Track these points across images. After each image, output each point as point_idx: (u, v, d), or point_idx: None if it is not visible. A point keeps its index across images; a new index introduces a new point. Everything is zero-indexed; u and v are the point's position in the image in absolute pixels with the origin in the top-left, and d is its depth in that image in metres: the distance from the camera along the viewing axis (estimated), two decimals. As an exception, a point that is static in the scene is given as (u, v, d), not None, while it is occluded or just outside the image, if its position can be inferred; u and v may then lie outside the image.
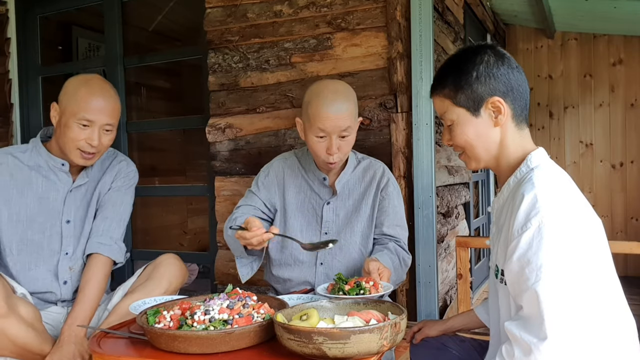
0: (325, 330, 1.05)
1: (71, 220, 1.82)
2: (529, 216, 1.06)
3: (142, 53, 3.31)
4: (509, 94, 1.20)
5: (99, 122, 1.72)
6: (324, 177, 1.84)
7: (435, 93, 1.28)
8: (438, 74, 1.28)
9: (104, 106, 1.72)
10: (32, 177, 1.79)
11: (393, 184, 1.88)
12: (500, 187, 1.27)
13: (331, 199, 1.85)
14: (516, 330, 1.06)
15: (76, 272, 1.83)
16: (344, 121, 1.67)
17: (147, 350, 1.22)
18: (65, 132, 1.71)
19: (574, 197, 1.12)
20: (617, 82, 4.47)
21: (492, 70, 1.20)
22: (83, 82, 1.74)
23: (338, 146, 1.69)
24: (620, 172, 4.51)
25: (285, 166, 1.91)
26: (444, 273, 2.62)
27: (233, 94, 2.60)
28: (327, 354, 1.06)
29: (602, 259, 1.11)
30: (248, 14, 2.54)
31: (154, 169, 4.64)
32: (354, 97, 1.75)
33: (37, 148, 1.81)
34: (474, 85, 1.20)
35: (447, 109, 1.25)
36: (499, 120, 1.21)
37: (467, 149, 1.26)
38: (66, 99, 1.72)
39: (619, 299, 1.12)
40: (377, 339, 1.06)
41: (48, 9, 3.32)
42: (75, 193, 1.84)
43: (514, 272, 1.08)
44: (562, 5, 3.77)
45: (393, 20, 2.27)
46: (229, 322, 1.21)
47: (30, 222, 1.77)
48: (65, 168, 1.80)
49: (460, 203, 2.91)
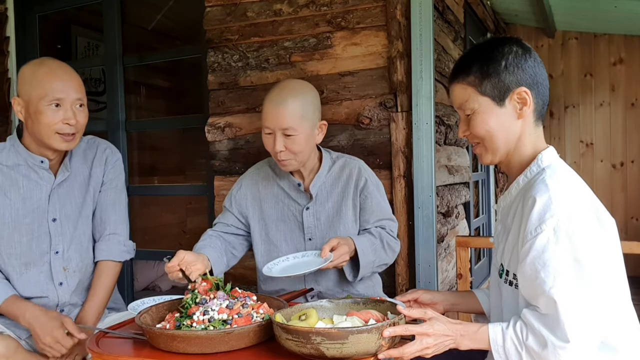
0: (323, 330, 1.05)
1: (57, 218, 1.74)
2: (544, 218, 1.05)
3: (142, 52, 3.31)
4: (534, 87, 1.20)
5: (69, 98, 1.63)
6: (299, 183, 1.81)
7: (457, 80, 1.24)
8: (461, 62, 1.26)
9: (69, 81, 1.64)
10: (13, 178, 1.70)
11: (371, 181, 1.84)
12: (508, 185, 1.26)
13: (309, 203, 1.81)
14: (534, 321, 1.06)
15: (71, 272, 1.76)
16: (284, 119, 1.64)
17: (146, 350, 1.21)
18: (38, 120, 1.61)
19: (588, 198, 1.12)
20: (618, 81, 4.47)
21: (520, 62, 1.19)
22: (37, 65, 1.66)
23: (285, 145, 1.66)
24: (620, 172, 4.50)
25: (258, 178, 1.89)
26: (444, 273, 2.61)
27: (232, 93, 2.59)
28: (325, 354, 1.05)
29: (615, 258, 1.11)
30: (248, 13, 2.53)
31: (153, 168, 4.63)
32: (308, 100, 1.71)
33: (16, 146, 1.71)
34: (502, 75, 1.18)
35: (468, 98, 1.22)
36: (523, 112, 1.19)
37: (486, 140, 1.23)
38: (27, 87, 1.63)
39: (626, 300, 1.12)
40: (375, 339, 1.06)
41: (47, 8, 3.31)
42: (58, 190, 1.75)
43: (527, 275, 1.07)
44: (563, 5, 3.77)
45: (393, 19, 2.26)
46: (228, 322, 1.21)
47: (17, 224, 1.69)
48: (45, 165, 1.70)
49: (460, 203, 2.90)
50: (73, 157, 1.79)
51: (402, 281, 2.32)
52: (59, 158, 1.74)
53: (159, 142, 4.66)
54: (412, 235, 2.29)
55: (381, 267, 1.81)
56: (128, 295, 3.08)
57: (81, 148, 1.82)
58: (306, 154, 1.73)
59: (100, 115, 3.59)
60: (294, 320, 1.20)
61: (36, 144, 1.68)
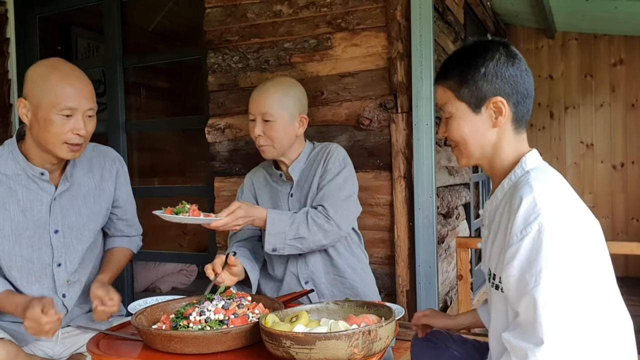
0: (291, 334, 1.04)
1: (59, 230, 1.65)
2: (528, 220, 1.04)
3: (142, 53, 3.31)
4: (513, 97, 1.18)
5: (82, 108, 1.53)
6: (280, 174, 1.89)
7: (439, 83, 1.25)
8: (445, 64, 1.25)
9: (83, 89, 1.54)
10: (12, 188, 1.59)
11: (335, 158, 1.82)
12: (493, 190, 1.26)
13: (292, 190, 1.88)
14: (513, 340, 1.05)
15: (74, 284, 1.70)
16: (264, 105, 1.77)
17: (146, 351, 1.21)
18: (47, 128, 1.51)
19: (572, 199, 1.11)
20: (618, 82, 4.46)
21: (500, 70, 1.17)
22: (49, 68, 1.55)
23: (263, 130, 1.79)
24: (620, 173, 4.50)
25: (254, 179, 1.98)
26: (445, 274, 2.61)
27: (232, 94, 2.59)
28: (295, 358, 1.04)
29: (601, 261, 1.10)
30: (248, 14, 2.53)
31: (153, 169, 4.63)
32: (290, 92, 1.82)
33: (14, 154, 1.60)
34: (479, 82, 1.17)
35: (448, 101, 1.22)
36: (498, 121, 1.18)
37: (460, 145, 1.23)
38: (37, 91, 1.51)
39: (616, 301, 1.11)
40: (345, 346, 1.03)
41: (47, 9, 3.32)
42: (60, 200, 1.66)
43: (513, 278, 1.07)
44: (563, 5, 3.77)
45: (393, 20, 2.26)
46: (225, 322, 1.21)
47: (17, 237, 1.60)
48: (46, 177, 1.61)
49: (460, 204, 2.90)
50: (76, 166, 1.71)
51: (402, 282, 2.32)
52: (59, 167, 1.65)
53: (159, 144, 4.66)
54: (412, 236, 2.29)
55: (303, 242, 1.71)
56: (128, 296, 3.08)
57: (85, 157, 1.72)
58: (284, 142, 1.81)
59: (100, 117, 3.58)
60: (285, 323, 1.19)
61: (39, 150, 1.59)
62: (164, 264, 3.95)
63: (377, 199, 2.35)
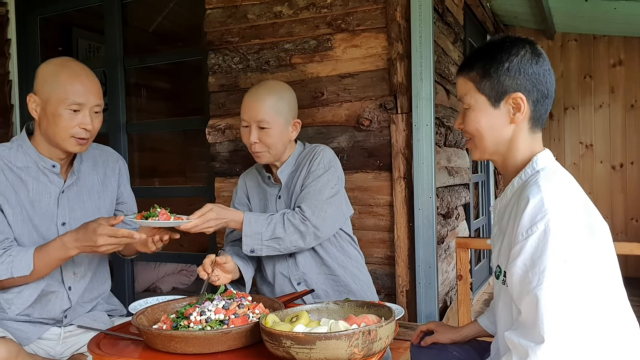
0: (292, 334, 1.05)
1: (67, 222, 1.70)
2: (535, 220, 1.05)
3: (143, 54, 3.31)
4: (533, 95, 1.18)
5: (89, 103, 1.62)
6: (269, 176, 1.90)
7: (462, 73, 1.25)
8: (470, 56, 1.26)
9: (91, 86, 1.63)
10: (22, 179, 1.66)
11: (320, 160, 1.81)
12: (504, 187, 1.26)
13: (280, 192, 1.88)
14: (515, 338, 1.06)
15: (80, 278, 1.73)
16: (259, 112, 1.75)
17: (147, 351, 1.22)
18: (55, 122, 1.60)
19: (581, 200, 1.11)
20: (617, 83, 4.47)
21: (524, 66, 1.17)
22: (60, 66, 1.63)
23: (259, 137, 1.77)
24: (620, 173, 4.50)
25: (247, 180, 1.99)
26: (444, 274, 2.62)
27: (233, 94, 2.60)
28: (295, 358, 1.05)
29: (607, 263, 1.10)
30: (248, 15, 2.54)
31: (154, 169, 4.64)
32: (283, 98, 1.80)
33: (25, 147, 1.67)
34: (502, 76, 1.17)
35: (468, 92, 1.23)
36: (515, 117, 1.18)
37: (475, 138, 1.24)
38: (48, 87, 1.60)
39: (623, 304, 1.11)
40: (345, 346, 1.03)
41: (48, 10, 3.33)
42: (67, 193, 1.72)
43: (517, 276, 1.07)
44: (562, 7, 3.77)
45: (393, 21, 2.27)
46: (225, 322, 1.22)
47: (25, 228, 1.65)
48: (57, 169, 1.68)
49: (460, 204, 2.91)
50: (83, 161, 1.78)
51: (402, 282, 2.33)
52: (66, 161, 1.72)
53: (159, 144, 4.67)
54: (412, 237, 2.29)
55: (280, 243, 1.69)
56: (129, 296, 3.09)
57: (91, 154, 1.80)
58: (279, 148, 1.81)
59: (101, 117, 3.60)
60: (285, 323, 1.20)
61: (47, 144, 1.66)
62: (164, 264, 3.96)
63: (377, 199, 2.36)
